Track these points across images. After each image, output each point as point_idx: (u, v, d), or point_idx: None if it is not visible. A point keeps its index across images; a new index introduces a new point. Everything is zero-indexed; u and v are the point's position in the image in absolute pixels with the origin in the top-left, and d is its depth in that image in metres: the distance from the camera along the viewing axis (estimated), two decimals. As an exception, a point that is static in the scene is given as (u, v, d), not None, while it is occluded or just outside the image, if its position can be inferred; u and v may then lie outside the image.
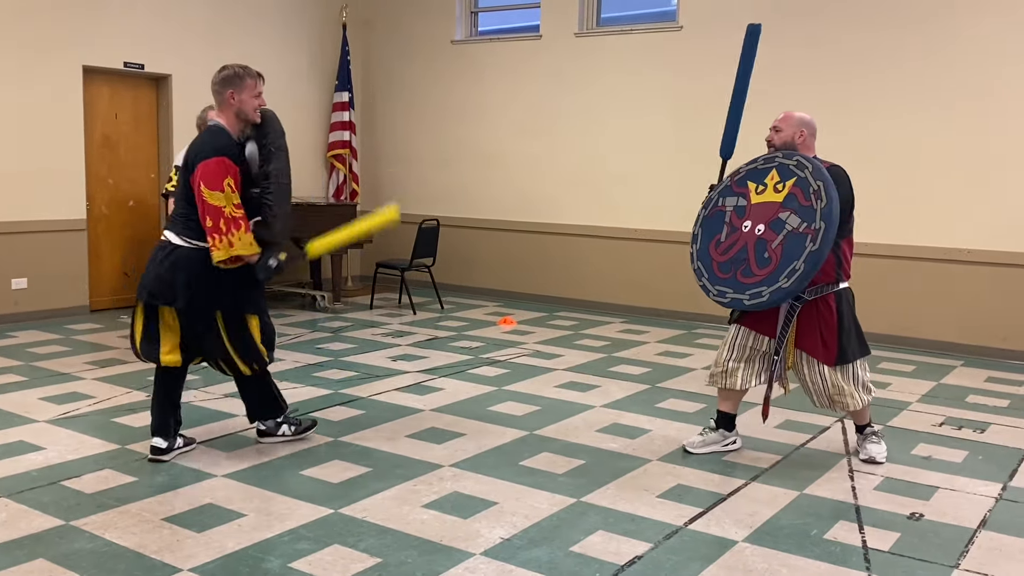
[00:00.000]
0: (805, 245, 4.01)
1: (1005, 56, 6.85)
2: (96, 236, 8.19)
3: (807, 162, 4.18)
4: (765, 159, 4.36)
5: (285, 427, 4.56)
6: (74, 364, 6.13)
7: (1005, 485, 4.21)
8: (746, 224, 4.24)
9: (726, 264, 4.26)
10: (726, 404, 4.59)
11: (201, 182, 3.98)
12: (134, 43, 8.18)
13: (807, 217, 4.04)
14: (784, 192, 4.15)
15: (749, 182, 4.33)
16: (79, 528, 3.49)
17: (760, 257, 4.14)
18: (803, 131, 4.37)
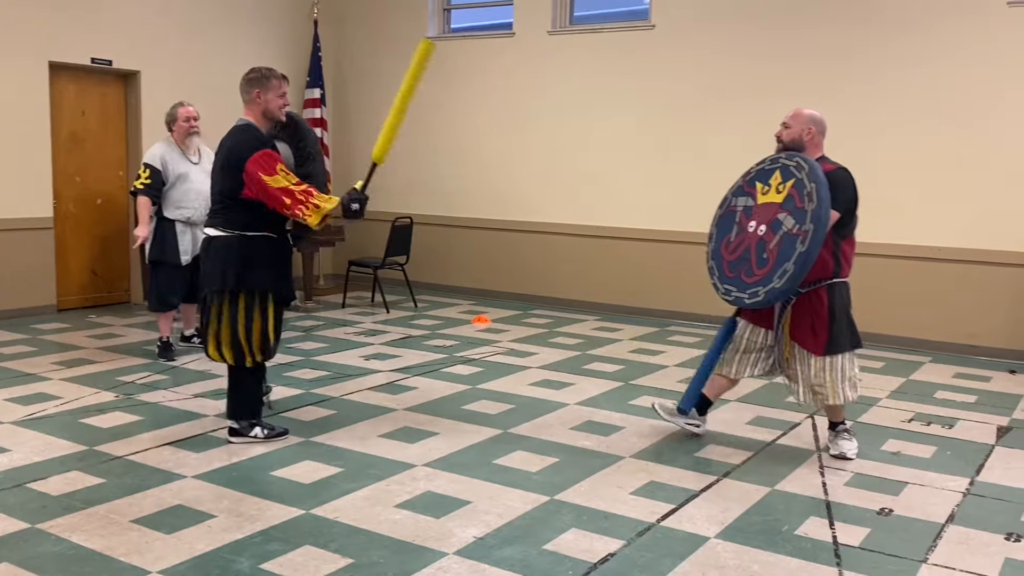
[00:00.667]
0: (796, 247, 4.12)
1: (978, 57, 6.93)
2: (63, 234, 8.08)
3: (805, 163, 4.28)
4: (772, 160, 4.46)
5: (258, 429, 4.55)
6: (41, 364, 6.05)
7: (972, 480, 4.26)
8: (751, 225, 4.38)
9: (734, 263, 4.40)
10: (711, 389, 4.71)
11: (258, 173, 4.24)
12: (102, 39, 8.06)
13: (800, 219, 4.15)
14: (784, 193, 4.27)
15: (757, 183, 4.45)
16: (45, 531, 3.43)
17: (759, 257, 4.27)
18: (811, 128, 4.45)
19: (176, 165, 6.25)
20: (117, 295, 8.54)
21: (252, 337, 4.39)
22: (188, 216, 6.26)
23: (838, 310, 4.35)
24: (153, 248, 6.25)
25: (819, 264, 4.23)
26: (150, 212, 6.23)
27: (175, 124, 6.35)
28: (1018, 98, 6.81)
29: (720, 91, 7.96)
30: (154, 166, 6.20)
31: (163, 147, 6.31)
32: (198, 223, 6.31)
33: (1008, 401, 5.72)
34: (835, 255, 4.34)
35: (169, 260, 6.23)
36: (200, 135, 6.44)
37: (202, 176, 6.37)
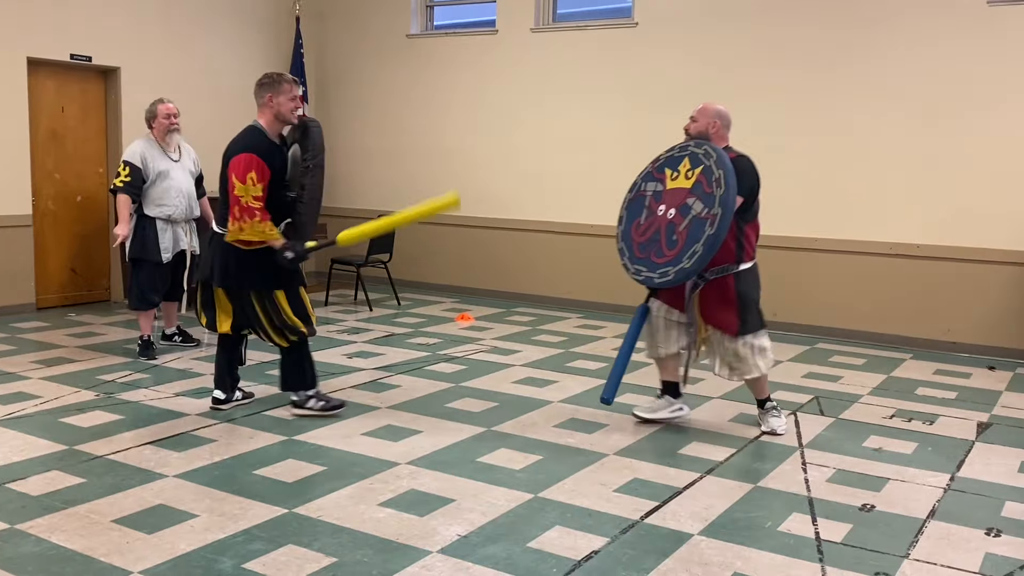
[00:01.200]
0: (705, 229, 4.39)
1: (958, 56, 6.98)
2: (42, 232, 8.00)
3: (713, 151, 4.54)
4: (680, 147, 4.72)
5: (313, 400, 4.91)
6: (20, 363, 5.99)
7: (953, 475, 4.29)
8: (661, 208, 4.63)
9: (644, 245, 4.65)
10: (665, 373, 4.98)
11: (232, 173, 4.53)
12: (81, 34, 7.99)
13: (708, 203, 4.42)
14: (693, 179, 4.54)
15: (667, 168, 4.71)
16: (24, 532, 3.40)
17: (669, 239, 4.52)
18: (717, 122, 4.70)
19: (156, 162, 6.20)
20: (97, 293, 8.48)
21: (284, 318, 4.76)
22: (169, 214, 6.21)
23: (745, 295, 4.64)
24: (133, 246, 6.20)
25: (723, 250, 4.50)
26: (130, 210, 6.17)
27: (155, 121, 6.29)
28: (998, 96, 6.87)
29: (702, 89, 7.94)
30: (134, 164, 6.15)
31: (143, 144, 6.26)
32: (179, 221, 6.28)
33: (988, 397, 5.76)
34: (738, 240, 4.59)
35: (150, 258, 6.18)
36: (180, 132, 6.39)
37: (182, 174, 6.34)
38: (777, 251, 7.75)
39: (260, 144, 4.62)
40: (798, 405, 5.44)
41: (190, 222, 6.42)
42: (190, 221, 6.42)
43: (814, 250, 7.61)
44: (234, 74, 9.29)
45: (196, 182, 6.49)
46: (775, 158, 7.70)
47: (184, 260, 6.38)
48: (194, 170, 6.48)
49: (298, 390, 4.94)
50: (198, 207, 6.46)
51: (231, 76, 9.27)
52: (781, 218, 7.70)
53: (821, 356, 6.83)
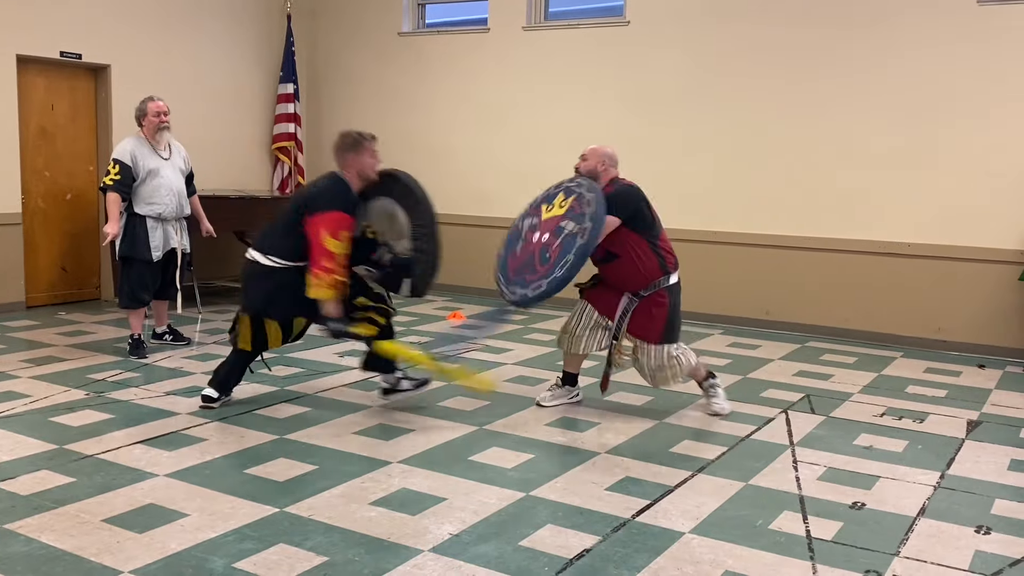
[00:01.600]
0: (576, 241, 4.63)
1: (949, 56, 7.00)
2: (32, 230, 7.96)
3: (584, 181, 4.88)
4: (555, 185, 5.04)
5: (405, 382, 5.10)
6: (9, 362, 5.96)
7: (943, 473, 4.31)
8: (535, 236, 4.89)
9: (519, 268, 4.87)
10: (571, 366, 5.29)
11: (324, 228, 4.62)
12: (71, 32, 7.95)
13: (579, 221, 4.68)
14: (566, 207, 4.82)
15: (543, 205, 5.00)
16: (14, 531, 3.38)
17: (542, 258, 4.76)
18: (605, 162, 5.03)
19: (146, 161, 6.18)
20: (87, 292, 8.44)
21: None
22: (159, 212, 6.19)
23: (673, 307, 4.97)
24: (123, 244, 6.18)
25: (647, 268, 4.86)
26: (120, 208, 6.15)
27: (145, 119, 6.27)
28: (989, 95, 6.89)
29: (694, 87, 7.99)
30: (124, 162, 6.12)
31: (133, 142, 6.23)
32: (169, 219, 6.26)
33: (977, 395, 5.79)
34: (658, 255, 4.91)
35: (140, 256, 6.16)
36: (170, 130, 6.36)
37: (172, 172, 6.31)
38: (768, 249, 7.78)
39: (349, 201, 4.80)
40: (789, 403, 5.45)
41: (180, 220, 6.39)
42: (180, 219, 6.39)
43: (805, 248, 7.63)
44: (225, 72, 9.26)
45: (186, 180, 6.47)
46: (765, 156, 7.74)
47: (175, 258, 6.36)
48: (184, 168, 6.45)
49: (386, 371, 5.10)
50: (188, 205, 6.44)
51: (222, 74, 9.24)
52: (772, 216, 7.73)
53: (812, 354, 6.85)
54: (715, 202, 7.95)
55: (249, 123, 9.58)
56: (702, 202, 8.00)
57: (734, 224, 7.89)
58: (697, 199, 8.01)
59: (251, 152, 9.53)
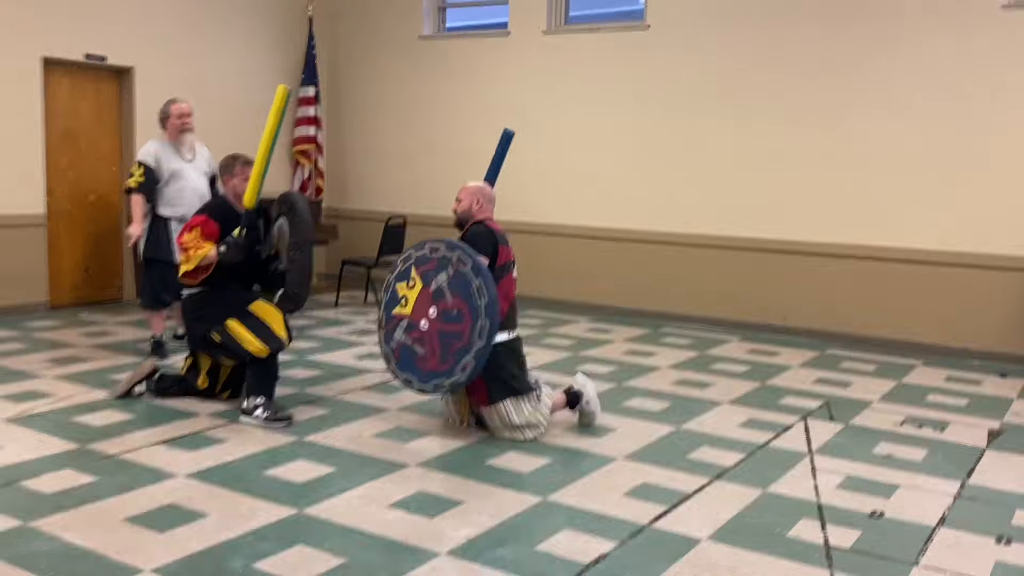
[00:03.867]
0: (473, 342, 4.39)
1: (971, 61, 6.96)
2: (56, 231, 8.05)
3: (452, 250, 4.55)
4: (403, 259, 4.76)
5: (260, 410, 4.83)
6: (33, 362, 6.02)
7: (963, 483, 4.28)
8: (423, 324, 4.57)
9: (404, 352, 4.64)
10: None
11: (185, 230, 4.97)
12: (96, 35, 8.04)
13: (475, 315, 4.41)
14: (417, 283, 4.60)
15: (397, 284, 4.71)
16: (37, 529, 3.42)
17: (444, 351, 4.49)
18: (480, 200, 4.86)
19: (170, 162, 6.23)
20: (109, 293, 8.52)
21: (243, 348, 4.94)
22: (182, 214, 6.22)
23: (497, 367, 4.58)
24: (147, 246, 6.23)
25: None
26: (144, 210, 6.20)
27: (168, 121, 6.32)
28: (1011, 101, 6.84)
29: (715, 91, 7.98)
30: (147, 164, 6.18)
31: (156, 144, 6.29)
32: None
33: (999, 404, 5.74)
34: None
35: (163, 258, 6.21)
36: (194, 132, 6.41)
37: (196, 174, 6.36)
38: (787, 255, 7.76)
39: (216, 210, 5.09)
40: (808, 411, 5.43)
41: None
42: None
43: (825, 255, 7.60)
44: (247, 75, 9.33)
45: (210, 182, 6.52)
46: (786, 161, 7.71)
47: None
48: (208, 170, 6.50)
49: (250, 395, 4.92)
50: None
51: (244, 76, 9.31)
52: (791, 222, 7.71)
53: (831, 362, 6.82)
54: (734, 206, 7.93)
55: (270, 126, 9.63)
56: (721, 206, 7.98)
57: (753, 229, 7.86)
58: (716, 203, 8.00)
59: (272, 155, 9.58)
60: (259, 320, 4.92)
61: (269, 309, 4.97)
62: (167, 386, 5.25)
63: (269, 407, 4.85)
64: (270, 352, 4.92)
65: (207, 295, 5.01)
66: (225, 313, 4.94)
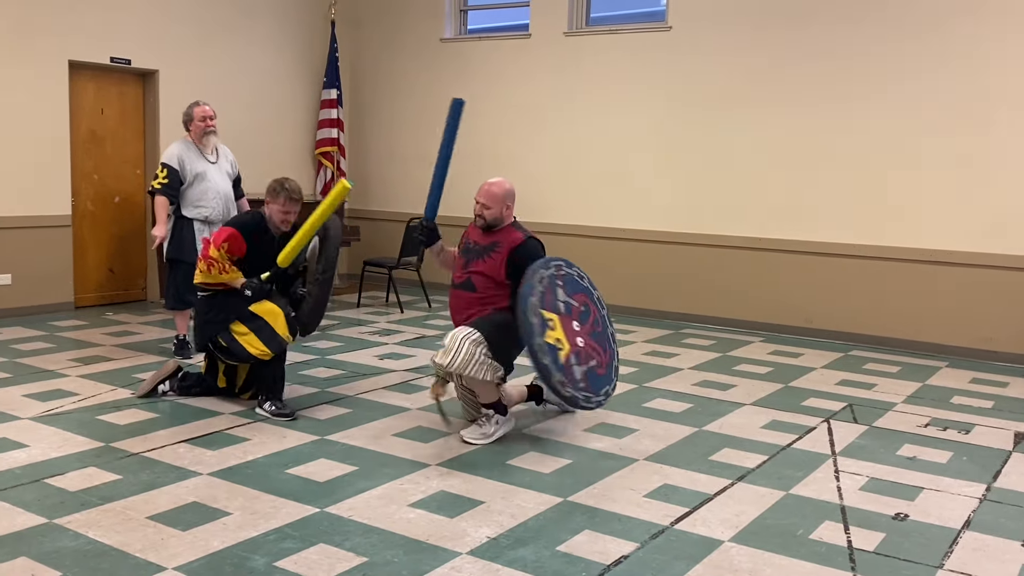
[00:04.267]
0: (602, 312, 4.86)
1: (996, 59, 6.88)
2: (81, 232, 8.14)
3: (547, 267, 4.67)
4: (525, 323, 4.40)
5: (268, 404, 4.97)
6: (58, 361, 6.09)
7: (989, 486, 4.23)
8: (579, 340, 4.62)
9: (591, 377, 4.60)
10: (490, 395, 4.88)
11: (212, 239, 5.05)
12: (121, 38, 8.12)
13: (590, 294, 4.86)
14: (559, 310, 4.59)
15: (545, 338, 4.43)
16: (62, 526, 3.46)
17: (601, 342, 4.75)
18: (508, 203, 4.85)
19: (194, 164, 6.28)
20: (134, 293, 8.60)
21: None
22: (206, 215, 6.28)
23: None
24: (171, 247, 6.28)
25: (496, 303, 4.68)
26: (168, 212, 6.25)
27: (191, 123, 6.37)
28: (1038, 102, 6.77)
29: (736, 93, 7.94)
30: (171, 166, 6.22)
31: (180, 146, 6.34)
32: (216, 222, 6.32)
33: (1025, 407, 5.68)
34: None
35: (187, 259, 6.24)
36: (217, 134, 6.45)
37: (219, 175, 6.41)
38: (810, 256, 7.71)
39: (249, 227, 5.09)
40: (831, 412, 5.39)
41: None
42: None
43: (849, 256, 7.54)
44: (270, 78, 9.39)
45: (234, 183, 6.57)
46: (808, 162, 7.66)
47: None
48: (231, 172, 6.55)
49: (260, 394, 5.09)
50: (235, 208, 6.53)
51: (267, 80, 9.37)
52: (814, 223, 7.65)
53: (855, 363, 6.76)
54: (756, 208, 7.89)
55: (293, 128, 9.71)
56: (743, 208, 7.94)
57: (774, 231, 7.82)
58: (738, 205, 7.96)
59: (294, 157, 9.65)
60: (262, 320, 4.93)
61: (272, 308, 4.96)
62: (190, 385, 5.29)
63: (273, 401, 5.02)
64: (272, 355, 4.94)
65: (216, 298, 5.05)
66: (230, 316, 4.97)
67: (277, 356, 4.97)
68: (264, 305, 4.96)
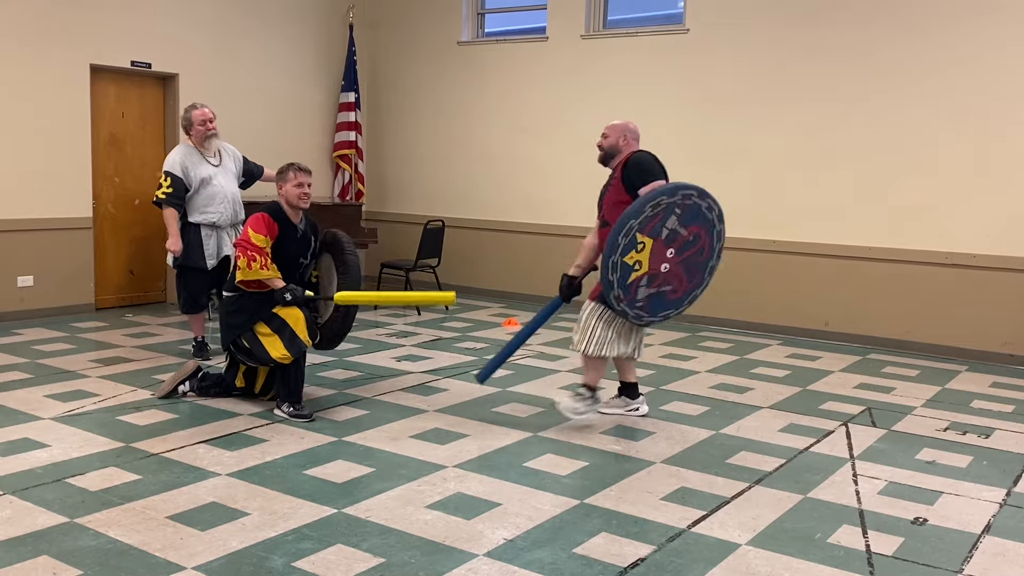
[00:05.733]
0: (714, 248, 4.93)
1: (1011, 61, 6.83)
2: (102, 234, 8.21)
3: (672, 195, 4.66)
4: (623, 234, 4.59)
5: (286, 406, 5.01)
6: (79, 362, 6.15)
7: (1009, 491, 4.20)
8: (663, 267, 4.76)
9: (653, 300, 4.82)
10: (625, 375, 5.23)
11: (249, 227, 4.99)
12: (141, 42, 8.20)
13: (710, 227, 4.89)
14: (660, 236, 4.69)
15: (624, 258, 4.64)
16: (83, 525, 3.50)
17: (690, 272, 4.87)
18: (626, 134, 5.07)
19: (197, 170, 6.16)
20: (153, 295, 8.67)
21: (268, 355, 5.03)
22: (213, 220, 6.20)
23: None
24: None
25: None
26: (178, 223, 6.13)
27: (192, 128, 6.23)
28: (1059, 104, 6.71)
29: (754, 95, 7.92)
30: (175, 174, 6.10)
31: (182, 152, 6.21)
32: (223, 226, 6.26)
33: (1046, 411, 5.63)
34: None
35: (195, 264, 6.19)
36: (219, 136, 6.34)
37: (225, 178, 6.29)
38: (828, 259, 7.67)
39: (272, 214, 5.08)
40: (850, 416, 5.36)
41: (236, 226, 6.37)
42: (236, 226, 6.37)
43: (867, 259, 7.50)
44: (289, 81, 9.45)
45: (248, 173, 6.52)
46: (827, 163, 7.63)
47: (229, 265, 6.40)
48: (236, 170, 6.44)
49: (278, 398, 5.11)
50: (243, 211, 6.37)
51: (286, 82, 9.42)
52: (832, 225, 7.62)
53: (874, 367, 6.73)
54: (773, 210, 7.86)
55: (311, 131, 9.76)
56: (759, 210, 7.91)
57: (792, 233, 7.79)
58: (755, 207, 7.93)
59: (313, 159, 9.69)
60: (283, 321, 4.94)
61: (295, 311, 4.96)
62: (209, 385, 5.32)
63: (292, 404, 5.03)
64: (292, 359, 4.94)
65: (241, 299, 5.07)
66: (254, 317, 4.99)
67: (296, 359, 4.99)
68: (287, 308, 4.97)
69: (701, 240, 4.82)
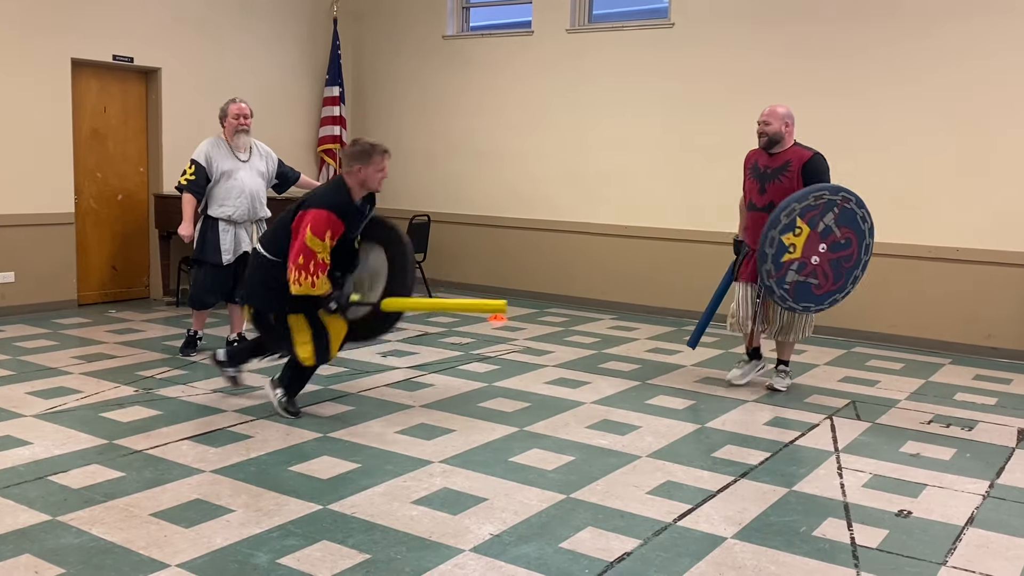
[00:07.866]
0: (861, 257, 5.31)
1: (1003, 57, 6.87)
2: (84, 230, 8.15)
3: (836, 193, 5.19)
4: (785, 213, 5.16)
5: (280, 392, 4.96)
6: (61, 359, 6.10)
7: (992, 483, 4.23)
8: (813, 259, 5.24)
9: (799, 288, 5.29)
10: (750, 343, 5.84)
11: (309, 226, 4.59)
12: (123, 36, 8.12)
13: (860, 237, 5.29)
14: (817, 227, 5.19)
15: (782, 236, 5.18)
16: (66, 523, 3.47)
17: (836, 273, 5.30)
18: (788, 121, 5.42)
19: (221, 162, 6.12)
20: (136, 291, 8.61)
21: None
22: (229, 214, 6.12)
23: None
24: (195, 247, 6.16)
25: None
26: (194, 210, 6.11)
27: (225, 120, 6.22)
28: (1041, 98, 6.75)
29: (739, 90, 7.93)
30: (199, 162, 6.08)
31: (211, 143, 6.19)
32: (240, 222, 6.17)
33: (1029, 404, 5.67)
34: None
35: (209, 259, 6.12)
36: (249, 133, 6.29)
37: (249, 174, 6.21)
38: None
39: (343, 205, 4.71)
40: (834, 409, 5.39)
41: (257, 223, 6.30)
42: (255, 222, 6.29)
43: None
44: (272, 75, 9.39)
45: (281, 177, 6.44)
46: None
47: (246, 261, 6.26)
48: (266, 170, 6.35)
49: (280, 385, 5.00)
50: (264, 209, 6.32)
51: (269, 77, 9.37)
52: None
53: (858, 360, 6.76)
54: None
55: (295, 125, 9.71)
56: (746, 205, 7.92)
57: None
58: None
59: (297, 154, 9.65)
60: (323, 329, 4.83)
61: (339, 323, 4.86)
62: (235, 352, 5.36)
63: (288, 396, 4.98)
64: (312, 364, 4.87)
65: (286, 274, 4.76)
66: (299, 305, 4.76)
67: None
68: (334, 318, 4.84)
69: (852, 246, 5.24)
